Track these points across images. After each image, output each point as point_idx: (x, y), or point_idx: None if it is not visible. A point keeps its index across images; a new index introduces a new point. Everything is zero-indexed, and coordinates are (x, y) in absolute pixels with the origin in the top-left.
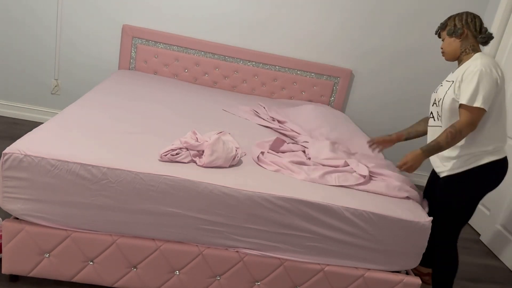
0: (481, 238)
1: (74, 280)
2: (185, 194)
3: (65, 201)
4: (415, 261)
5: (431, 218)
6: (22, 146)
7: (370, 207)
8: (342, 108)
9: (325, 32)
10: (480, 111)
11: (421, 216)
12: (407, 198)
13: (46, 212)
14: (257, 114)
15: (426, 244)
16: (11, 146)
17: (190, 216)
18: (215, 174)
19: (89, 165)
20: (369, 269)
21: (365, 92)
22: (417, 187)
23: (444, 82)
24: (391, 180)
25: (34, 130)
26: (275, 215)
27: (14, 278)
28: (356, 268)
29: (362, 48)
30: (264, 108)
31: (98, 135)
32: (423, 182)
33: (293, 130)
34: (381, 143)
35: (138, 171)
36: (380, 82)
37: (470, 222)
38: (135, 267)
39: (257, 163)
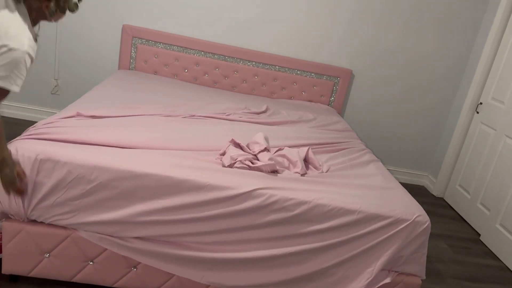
0: (481, 238)
1: (74, 280)
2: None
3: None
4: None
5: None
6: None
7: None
8: (342, 108)
9: (325, 32)
10: None
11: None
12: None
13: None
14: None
15: None
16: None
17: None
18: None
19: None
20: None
21: (365, 93)
22: (417, 187)
23: None
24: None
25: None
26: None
27: (14, 278)
28: None
29: (362, 49)
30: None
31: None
32: (423, 182)
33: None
34: None
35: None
36: (380, 82)
37: (470, 222)
38: (135, 267)
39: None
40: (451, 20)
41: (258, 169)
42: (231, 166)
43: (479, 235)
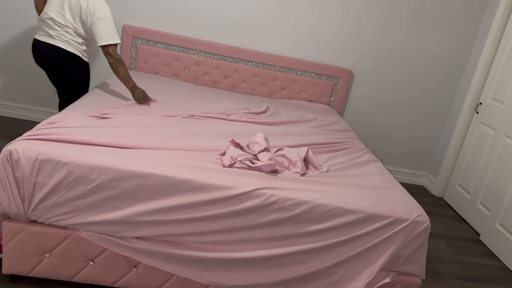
0: (481, 238)
1: (74, 280)
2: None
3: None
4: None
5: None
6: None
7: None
8: (341, 108)
9: (325, 32)
10: None
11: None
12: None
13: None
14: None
15: None
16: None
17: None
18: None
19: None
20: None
21: (365, 93)
22: (417, 187)
23: None
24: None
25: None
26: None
27: (14, 278)
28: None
29: (362, 49)
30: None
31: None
32: (423, 182)
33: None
34: None
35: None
36: (380, 82)
37: (469, 222)
38: (135, 267)
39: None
40: (451, 21)
41: (258, 169)
42: (231, 166)
43: (479, 235)
